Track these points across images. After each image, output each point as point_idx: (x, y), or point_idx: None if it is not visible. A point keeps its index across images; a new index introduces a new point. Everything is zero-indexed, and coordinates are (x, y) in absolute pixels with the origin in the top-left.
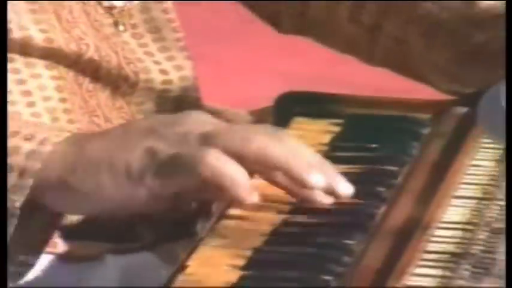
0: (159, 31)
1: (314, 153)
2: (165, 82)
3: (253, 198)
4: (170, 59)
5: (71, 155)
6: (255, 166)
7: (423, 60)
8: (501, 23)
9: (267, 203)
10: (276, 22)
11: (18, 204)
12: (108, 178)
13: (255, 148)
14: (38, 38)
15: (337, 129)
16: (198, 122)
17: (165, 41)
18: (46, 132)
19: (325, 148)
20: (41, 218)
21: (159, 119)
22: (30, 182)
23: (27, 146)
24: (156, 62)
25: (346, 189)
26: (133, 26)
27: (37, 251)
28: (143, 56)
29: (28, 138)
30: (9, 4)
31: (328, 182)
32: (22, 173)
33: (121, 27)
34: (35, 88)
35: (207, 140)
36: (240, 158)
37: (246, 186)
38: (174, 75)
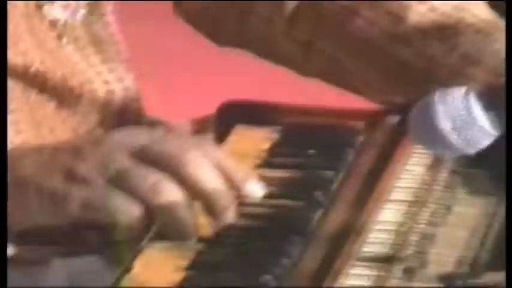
0: (100, 44)
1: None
2: (108, 93)
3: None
4: (112, 70)
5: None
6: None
7: (354, 76)
8: (428, 40)
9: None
10: (214, 36)
11: None
12: (35, 201)
13: (163, 203)
14: None
15: (276, 136)
16: (120, 145)
17: (107, 53)
18: None
19: (265, 154)
20: None
21: (87, 138)
22: None
23: None
24: (99, 73)
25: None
26: (76, 39)
27: None
28: (86, 68)
29: None
30: None
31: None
32: None
33: (64, 40)
34: None
35: (120, 180)
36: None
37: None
38: (116, 86)
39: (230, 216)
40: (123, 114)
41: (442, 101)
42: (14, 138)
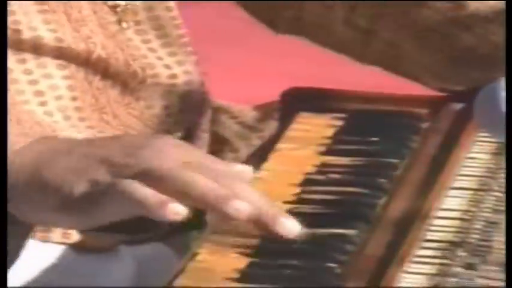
0: (162, 28)
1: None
2: (170, 77)
3: (168, 212)
4: (172, 54)
5: (29, 171)
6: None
7: (415, 63)
8: (490, 26)
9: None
10: (272, 24)
11: None
12: (53, 201)
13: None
14: (48, 38)
15: (340, 123)
16: (157, 157)
17: (168, 37)
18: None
19: (329, 141)
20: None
21: (120, 147)
22: None
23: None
24: (159, 58)
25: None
26: (137, 23)
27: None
28: (147, 52)
29: None
30: (18, 5)
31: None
32: None
33: (124, 25)
34: (47, 88)
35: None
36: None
37: (153, 200)
38: (177, 70)
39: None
40: (187, 99)
41: None
42: (79, 125)
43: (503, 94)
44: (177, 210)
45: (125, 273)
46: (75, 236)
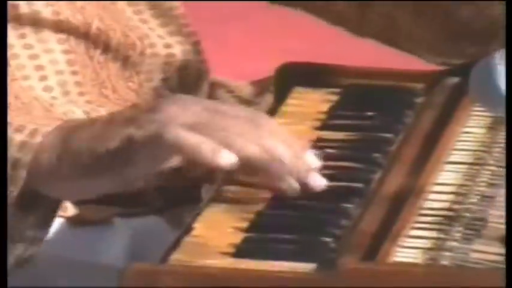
0: (159, 6)
1: (291, 146)
2: (166, 46)
3: (223, 159)
4: (165, 25)
5: (59, 145)
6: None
7: (411, 36)
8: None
9: None
10: None
11: (14, 194)
12: (90, 167)
13: (235, 153)
14: (45, 11)
15: (335, 98)
16: (174, 109)
17: (160, 8)
18: (37, 122)
19: (324, 116)
20: (42, 206)
21: (140, 107)
22: (23, 173)
23: (18, 138)
24: (151, 29)
25: (318, 182)
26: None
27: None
28: (139, 24)
29: (19, 130)
30: None
31: (301, 176)
32: (15, 164)
33: None
34: (47, 62)
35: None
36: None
37: (208, 148)
38: (171, 40)
39: (316, 178)
40: (185, 70)
41: (503, 61)
42: (79, 99)
43: (498, 68)
44: (229, 158)
45: (120, 246)
46: (71, 209)
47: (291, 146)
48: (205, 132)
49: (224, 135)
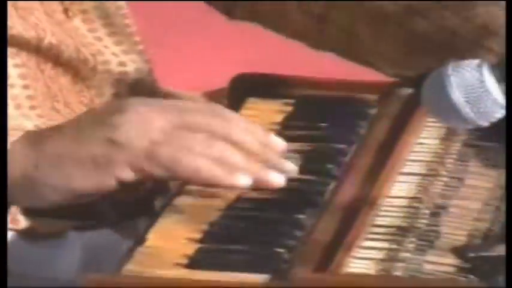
0: (108, 17)
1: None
2: (120, 64)
3: (238, 179)
4: (119, 43)
5: (31, 152)
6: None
7: (370, 49)
8: (446, 12)
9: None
10: (227, 11)
11: None
12: (76, 170)
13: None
14: None
15: (289, 109)
16: (136, 113)
17: (114, 27)
18: None
19: (278, 127)
20: None
21: (101, 110)
22: None
23: None
24: (106, 47)
25: (291, 168)
26: (83, 12)
27: None
28: (93, 41)
29: None
30: None
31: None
32: None
33: (70, 13)
34: None
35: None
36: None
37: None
38: (125, 58)
39: (292, 166)
40: (137, 87)
41: (456, 73)
42: (30, 113)
43: (451, 79)
44: (246, 180)
45: (74, 259)
46: (23, 222)
47: (255, 133)
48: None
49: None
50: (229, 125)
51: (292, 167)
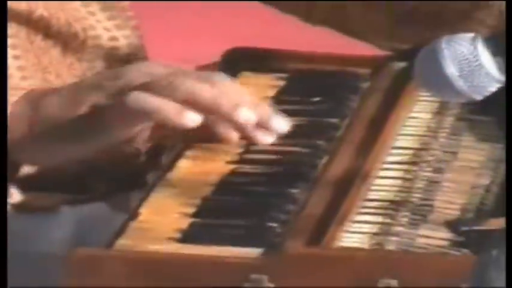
0: None
1: (246, 93)
2: (111, 39)
3: (188, 120)
4: (112, 18)
5: (28, 113)
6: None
7: (361, 22)
8: None
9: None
10: None
11: None
12: (62, 133)
13: (183, 91)
14: None
15: (281, 83)
16: (137, 74)
17: (108, 1)
18: None
19: (271, 101)
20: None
21: (104, 74)
22: None
23: None
24: (99, 21)
25: (281, 124)
26: None
27: None
28: (86, 15)
29: None
30: None
31: (261, 118)
32: None
33: None
34: None
35: (140, 88)
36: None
37: (174, 110)
38: (117, 33)
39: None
40: (128, 62)
41: (449, 46)
42: (21, 84)
43: (444, 52)
44: (194, 118)
45: (66, 232)
46: (16, 196)
47: (249, 98)
48: (165, 90)
49: (173, 81)
50: (221, 89)
51: (284, 125)
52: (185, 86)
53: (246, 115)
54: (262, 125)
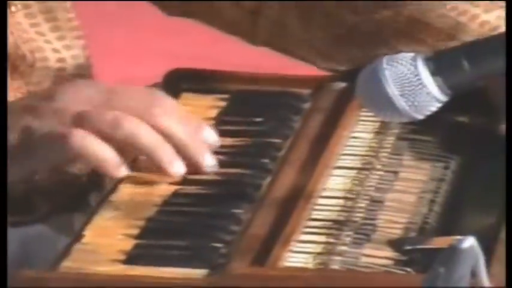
0: (50, 11)
1: (186, 127)
2: (59, 60)
3: (121, 173)
4: (61, 38)
5: None
6: (125, 148)
7: (301, 42)
8: (373, 4)
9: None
10: (163, 6)
11: None
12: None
13: (125, 134)
14: None
15: (223, 104)
16: (75, 96)
17: (57, 21)
18: None
19: (212, 122)
20: None
21: (38, 95)
22: None
23: None
24: (48, 42)
25: (209, 162)
26: (26, 6)
27: None
28: (35, 36)
29: None
30: None
31: (194, 158)
32: None
33: (13, 8)
34: None
35: (79, 120)
36: (110, 141)
37: (112, 162)
38: (66, 54)
39: (208, 158)
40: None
41: (390, 66)
42: None
43: (385, 73)
44: (126, 171)
45: (10, 254)
46: None
47: (187, 123)
48: (108, 127)
49: (115, 119)
50: (158, 112)
51: (212, 163)
52: (128, 126)
53: (179, 170)
54: (192, 158)
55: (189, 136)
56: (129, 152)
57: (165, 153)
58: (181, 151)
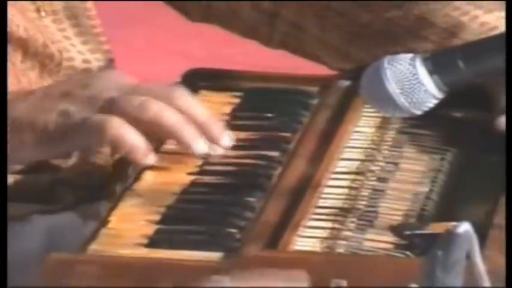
0: (76, 18)
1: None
2: (84, 61)
3: (149, 160)
4: (85, 43)
5: None
6: (151, 131)
7: (317, 42)
8: (385, 3)
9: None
10: (185, 11)
11: None
12: (30, 136)
13: (151, 116)
14: None
15: (237, 101)
16: (107, 85)
17: (82, 27)
18: None
19: (227, 118)
20: None
21: (74, 82)
22: None
23: None
24: (73, 45)
25: (227, 141)
26: (54, 13)
27: None
28: (62, 39)
29: None
30: None
31: (215, 137)
32: None
33: (43, 13)
34: None
35: (111, 106)
36: (138, 124)
37: (142, 151)
38: (90, 56)
39: (227, 139)
40: None
41: (391, 66)
42: None
43: (386, 72)
44: (153, 159)
45: (38, 242)
46: None
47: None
48: (135, 110)
49: (142, 103)
50: (179, 98)
51: (229, 140)
52: (154, 109)
53: (202, 148)
54: (212, 138)
55: (209, 117)
56: (154, 139)
57: (189, 132)
58: (203, 130)
